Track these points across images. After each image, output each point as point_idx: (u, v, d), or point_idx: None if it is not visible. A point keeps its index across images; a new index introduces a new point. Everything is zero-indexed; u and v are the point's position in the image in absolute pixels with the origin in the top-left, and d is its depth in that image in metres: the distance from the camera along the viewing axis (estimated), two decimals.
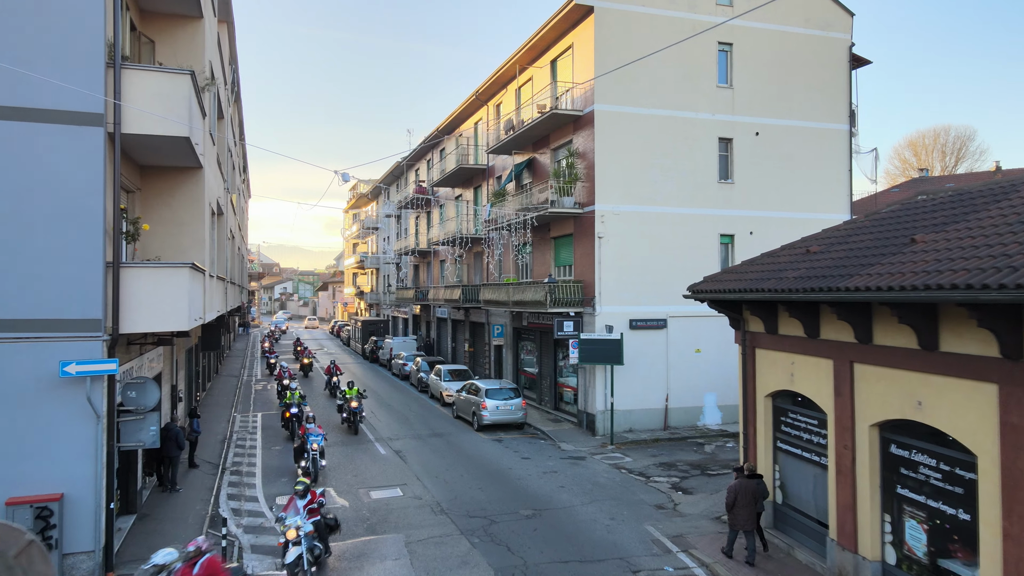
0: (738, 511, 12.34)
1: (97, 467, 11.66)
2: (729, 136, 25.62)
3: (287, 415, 23.61)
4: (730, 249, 25.82)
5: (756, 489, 12.42)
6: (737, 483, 12.49)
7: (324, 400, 31.62)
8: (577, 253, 25.53)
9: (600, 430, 23.91)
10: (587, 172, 24.64)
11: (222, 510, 16.11)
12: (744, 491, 12.36)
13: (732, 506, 12.41)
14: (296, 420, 22.86)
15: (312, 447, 17.99)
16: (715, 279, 14.62)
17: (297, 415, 22.80)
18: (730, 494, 12.45)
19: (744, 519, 12.32)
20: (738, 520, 12.38)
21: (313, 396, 32.09)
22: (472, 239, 35.91)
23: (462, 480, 18.66)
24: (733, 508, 12.41)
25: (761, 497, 12.57)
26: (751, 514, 12.27)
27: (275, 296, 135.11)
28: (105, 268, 11.75)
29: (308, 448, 18.03)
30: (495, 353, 34.20)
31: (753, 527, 12.39)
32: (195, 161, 14.80)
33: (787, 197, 26.29)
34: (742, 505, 12.29)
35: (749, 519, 12.30)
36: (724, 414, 25.34)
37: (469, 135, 38.04)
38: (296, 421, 22.85)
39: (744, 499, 12.30)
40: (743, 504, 12.28)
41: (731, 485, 12.56)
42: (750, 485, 12.42)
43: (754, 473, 12.88)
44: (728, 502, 12.48)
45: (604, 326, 23.95)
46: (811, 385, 12.18)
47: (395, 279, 56.76)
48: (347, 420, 24.44)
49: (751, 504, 12.25)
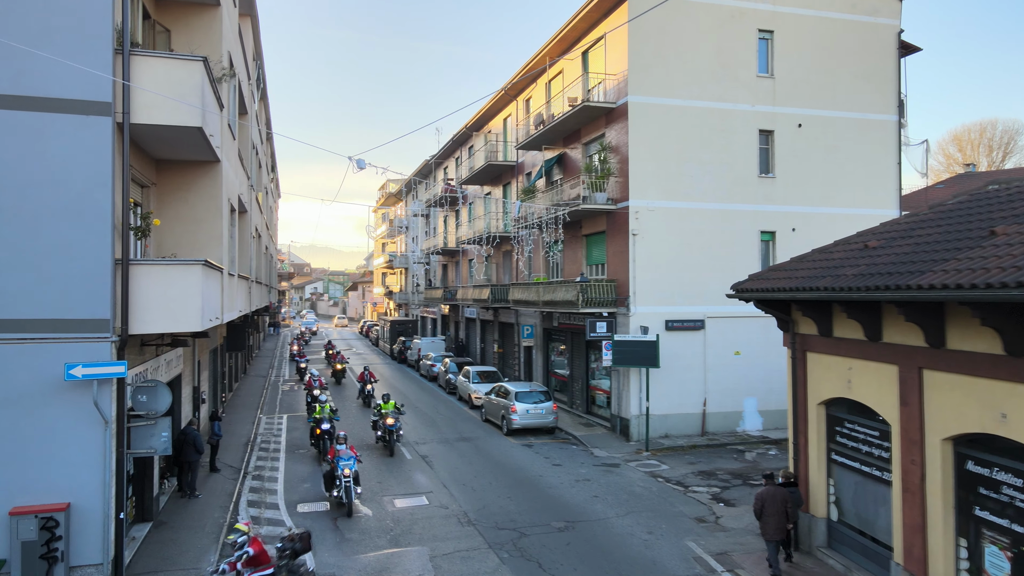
0: (767, 519, 11.72)
1: (105, 475, 11.04)
2: (770, 128, 24.42)
3: (317, 431, 20.89)
4: (771, 247, 24.62)
5: (787, 497, 11.82)
6: (765, 490, 11.90)
7: (356, 410, 29.18)
8: (610, 251, 24.55)
9: (635, 435, 22.91)
10: (620, 167, 23.65)
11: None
12: (772, 499, 11.75)
13: (760, 514, 11.83)
14: (327, 437, 20.35)
15: (344, 473, 15.59)
16: (761, 277, 13.58)
17: (328, 432, 20.31)
18: (757, 501, 11.87)
19: (773, 529, 11.68)
20: (767, 529, 11.75)
21: (345, 407, 29.73)
22: (501, 237, 35.12)
23: (490, 488, 17.83)
24: (762, 516, 11.81)
25: (794, 506, 12.00)
26: (780, 524, 11.68)
27: (305, 296, 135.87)
28: (114, 265, 11.15)
29: (339, 475, 15.69)
30: (525, 354, 33.33)
31: (783, 537, 11.80)
32: (211, 155, 14.17)
33: (831, 192, 25.00)
34: (771, 514, 11.68)
35: (779, 529, 11.68)
36: (765, 419, 24.15)
37: (498, 131, 37.23)
38: (327, 439, 20.31)
39: (772, 507, 11.68)
40: (771, 512, 11.67)
41: (759, 492, 11.94)
42: (780, 493, 11.80)
43: (790, 481, 12.38)
44: (756, 509, 11.92)
45: (639, 327, 22.94)
46: (872, 393, 11.10)
47: (423, 279, 56.22)
48: (382, 439, 21.40)
49: (780, 513, 11.67)
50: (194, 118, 11.69)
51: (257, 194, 30.16)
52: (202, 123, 11.81)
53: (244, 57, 21.27)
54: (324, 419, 20.78)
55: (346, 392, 34.24)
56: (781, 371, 24.17)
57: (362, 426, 25.40)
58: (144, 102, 11.43)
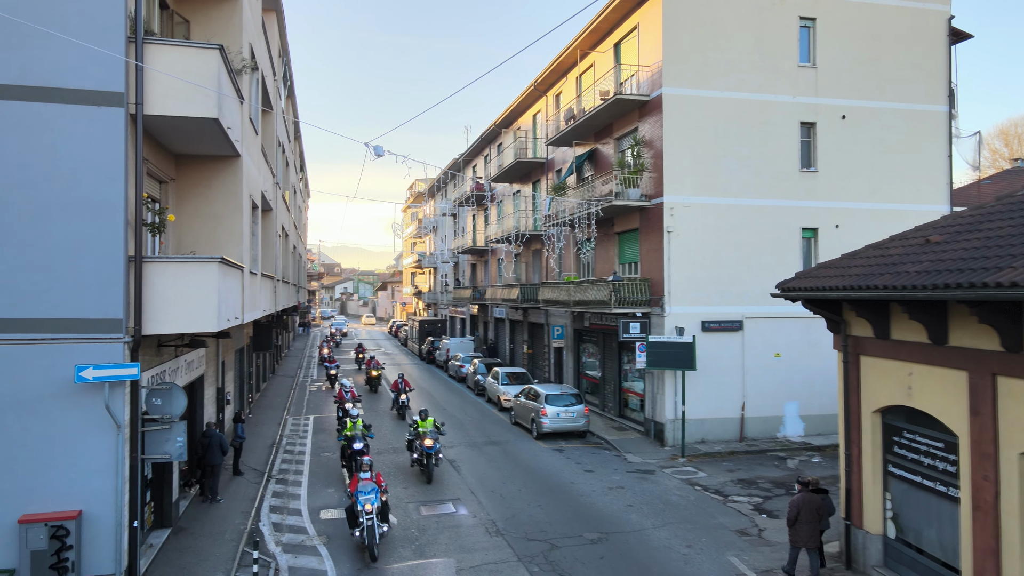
0: (800, 527, 11.60)
1: (118, 481, 10.57)
2: (812, 120, 23.35)
3: (349, 451, 18.10)
4: (813, 244, 23.54)
5: (821, 504, 11.71)
6: (800, 497, 11.74)
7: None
8: (643, 249, 23.69)
9: (670, 440, 22.03)
10: (654, 162, 22.78)
11: (262, 524, 14.98)
12: (807, 506, 11.60)
13: (794, 521, 11.68)
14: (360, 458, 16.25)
15: (365, 509, 13.13)
16: (810, 275, 12.68)
17: (360, 451, 17.21)
18: (792, 509, 11.69)
19: (807, 536, 11.57)
20: (800, 536, 11.61)
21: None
22: (530, 236, 34.41)
23: (520, 495, 17.13)
24: (795, 524, 11.66)
25: (827, 514, 11.93)
26: (814, 531, 11.58)
27: (336, 296, 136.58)
28: (127, 263, 10.68)
29: (360, 510, 13.19)
30: (555, 355, 32.58)
31: (816, 545, 11.67)
32: (231, 149, 13.69)
33: (877, 187, 23.83)
34: (805, 521, 11.56)
35: (812, 536, 11.58)
36: (807, 425, 23.09)
37: (527, 128, 36.52)
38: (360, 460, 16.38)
39: (807, 515, 11.56)
40: (806, 520, 11.55)
41: (794, 499, 11.78)
42: (814, 500, 11.68)
43: (820, 488, 12.16)
44: (790, 517, 11.74)
45: (674, 328, 22.05)
46: (936, 401, 10.17)
47: (452, 278, 55.75)
48: (419, 462, 18.32)
49: (814, 520, 11.56)
50: (210, 109, 11.18)
51: (284, 192, 29.85)
52: (218, 114, 11.30)
53: (268, 52, 20.86)
54: (357, 436, 17.81)
55: (381, 403, 31.09)
56: (824, 374, 23.14)
57: (396, 443, 22.66)
58: (158, 92, 10.95)
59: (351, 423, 18.81)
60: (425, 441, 18.03)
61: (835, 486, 17.93)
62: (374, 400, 31.99)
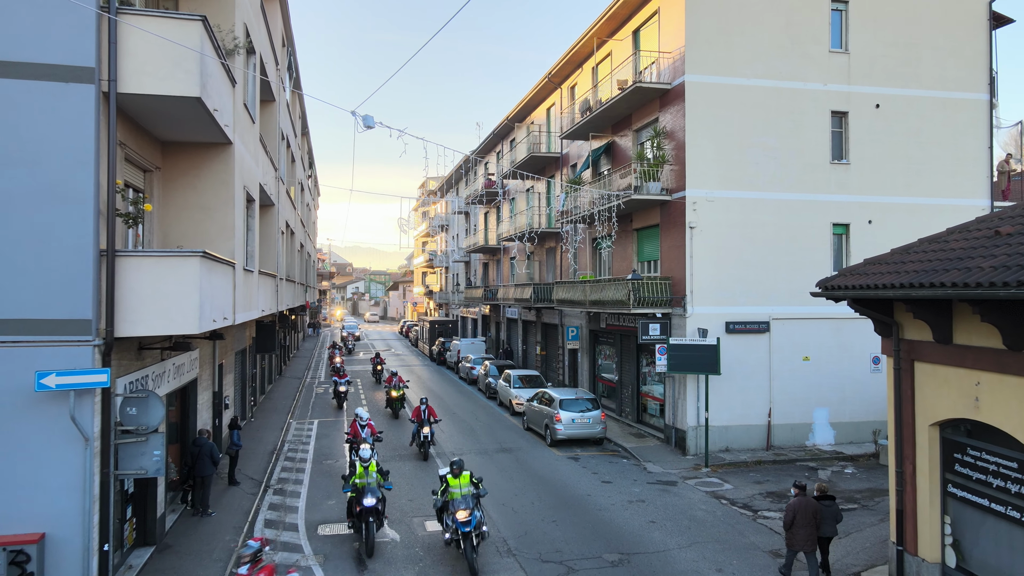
0: (796, 531, 11.56)
1: (86, 501, 9.49)
2: (844, 109, 22.00)
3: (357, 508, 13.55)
4: (844, 241, 22.19)
5: (819, 509, 11.69)
6: (796, 501, 11.73)
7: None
8: (664, 246, 22.44)
9: (692, 449, 20.77)
10: (676, 154, 21.53)
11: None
12: (803, 510, 11.55)
13: (790, 525, 11.64)
14: (372, 519, 13.17)
15: None
16: (857, 273, 11.42)
17: (373, 510, 13.14)
18: (788, 512, 11.69)
19: (803, 540, 11.51)
20: (796, 540, 11.57)
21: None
22: (544, 234, 33.21)
23: (533, 509, 15.95)
24: (791, 527, 11.62)
25: (832, 519, 11.89)
26: (811, 535, 11.50)
27: (347, 296, 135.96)
28: (97, 257, 9.60)
29: None
30: (569, 357, 31.37)
31: (814, 550, 11.59)
32: (221, 135, 12.61)
33: (913, 180, 22.44)
34: (801, 525, 11.52)
35: (808, 540, 11.50)
36: (838, 432, 21.75)
37: (541, 122, 35.34)
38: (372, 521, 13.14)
39: (803, 519, 11.52)
40: (802, 524, 11.52)
41: (790, 503, 11.77)
42: (811, 505, 11.63)
43: (825, 494, 12.13)
44: (786, 521, 11.71)
45: (696, 329, 20.79)
46: (1011, 415, 8.89)
47: (464, 278, 54.65)
48: (454, 541, 12.66)
49: (811, 525, 11.51)
50: (191, 87, 10.08)
51: (289, 188, 28.85)
52: (201, 93, 10.20)
53: (269, 38, 19.80)
54: (369, 488, 13.30)
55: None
56: (855, 379, 21.83)
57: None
58: (134, 68, 9.87)
59: (361, 467, 13.90)
60: (458, 514, 12.29)
61: (873, 500, 16.63)
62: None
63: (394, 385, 27.18)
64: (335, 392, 29.41)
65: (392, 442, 22.63)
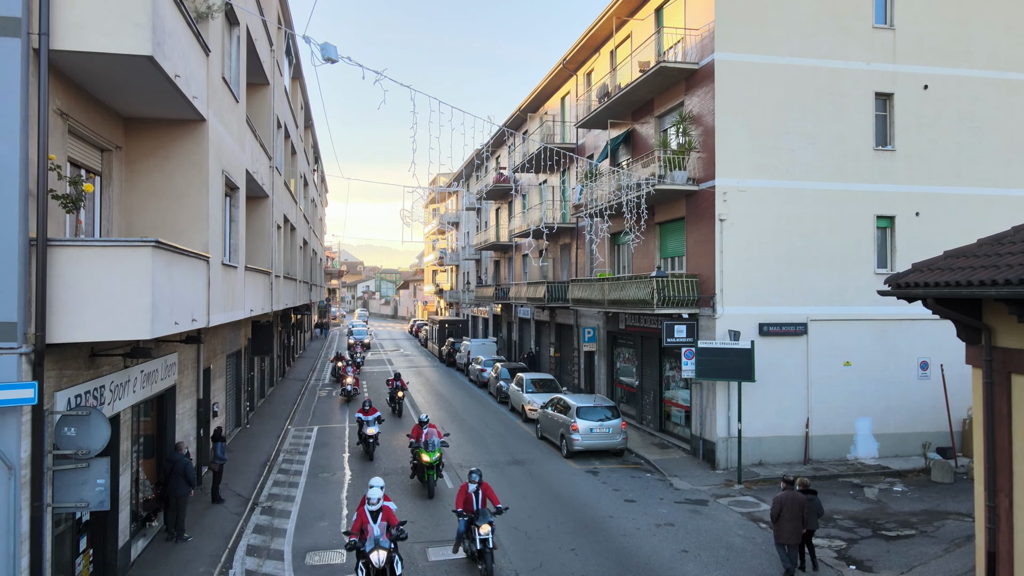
0: (783, 524, 11.96)
1: (10, 542, 7.84)
2: (889, 91, 20.08)
3: None
4: (889, 234, 20.28)
5: (806, 503, 12.04)
6: (784, 495, 12.10)
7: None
8: (690, 241, 20.61)
9: (722, 462, 18.94)
10: (704, 140, 19.70)
11: (233, 573, 12.23)
12: (790, 504, 11.93)
13: (777, 518, 12.04)
14: None
15: None
16: (937, 267, 9.58)
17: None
18: (775, 505, 12.10)
19: (789, 533, 11.92)
20: (783, 533, 11.99)
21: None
22: (558, 229, 31.39)
23: (549, 534, 14.20)
24: (778, 520, 12.03)
25: (814, 514, 12.28)
26: (797, 529, 11.89)
27: (358, 294, 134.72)
28: (26, 247, 7.95)
29: None
30: (585, 360, 29.58)
31: (799, 542, 12.04)
32: (190, 111, 10.95)
33: (965, 168, 20.49)
34: (788, 519, 11.91)
35: (794, 533, 11.91)
36: (882, 445, 19.84)
37: (555, 112, 33.55)
38: None
39: (790, 512, 11.90)
40: (788, 518, 11.90)
41: (777, 496, 12.19)
42: (798, 498, 12.00)
43: (808, 489, 12.48)
44: (773, 513, 12.10)
45: (727, 331, 18.97)
46: None
47: (474, 276, 52.96)
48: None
49: (797, 518, 11.88)
50: (140, 44, 8.41)
51: (289, 181, 27.26)
52: (153, 52, 8.52)
53: (260, 11, 18.11)
54: None
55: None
56: (902, 386, 19.95)
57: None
58: (70, 19, 8.21)
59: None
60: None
61: (932, 524, 14.78)
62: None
63: (425, 444, 16.71)
64: (361, 436, 20.57)
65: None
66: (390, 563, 10.50)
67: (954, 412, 19.74)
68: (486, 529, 11.74)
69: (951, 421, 19.54)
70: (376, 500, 10.95)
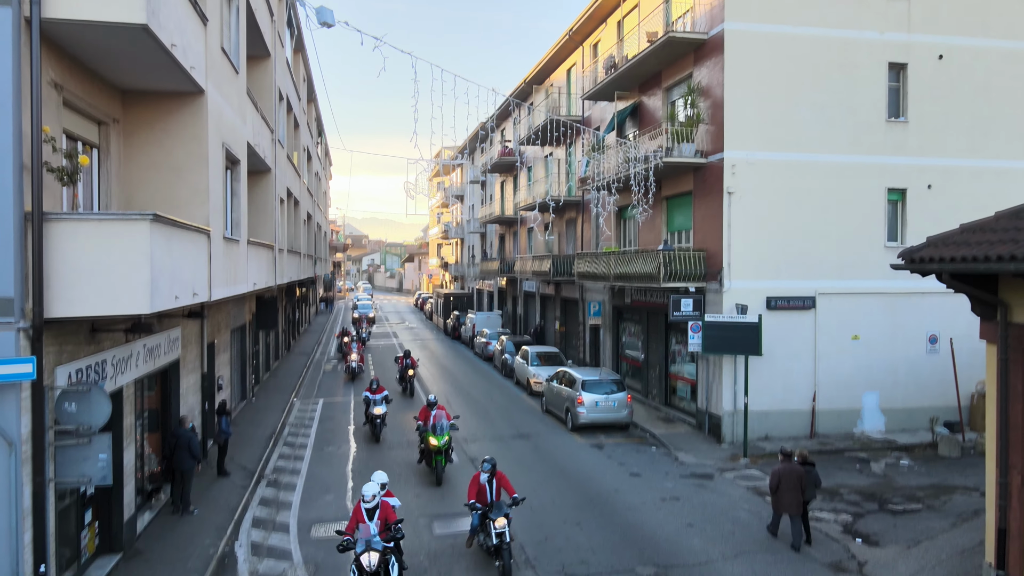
0: (782, 495, 12.16)
1: (12, 516, 7.82)
2: (902, 61, 19.64)
3: None
4: (900, 208, 19.99)
5: (802, 474, 12.20)
6: (782, 467, 12.30)
7: None
8: (697, 215, 20.36)
9: (727, 436, 18.90)
10: (712, 113, 19.36)
11: (239, 545, 12.29)
12: (788, 475, 12.14)
13: (775, 489, 12.25)
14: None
15: None
16: (953, 242, 9.37)
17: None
18: (774, 477, 12.31)
19: (788, 503, 12.10)
20: (782, 504, 12.21)
21: None
22: (564, 203, 31.08)
23: (554, 508, 14.20)
24: (777, 491, 12.24)
25: (812, 485, 12.37)
26: (796, 499, 12.06)
27: (363, 268, 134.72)
28: (21, 221, 7.82)
29: None
30: (591, 334, 29.49)
31: (798, 513, 12.13)
32: (188, 82, 10.74)
33: (979, 140, 20.10)
34: (786, 489, 12.10)
35: (793, 504, 12.07)
36: (888, 419, 19.75)
37: (561, 84, 33.06)
38: None
39: (788, 483, 12.09)
40: (787, 488, 12.10)
41: (775, 469, 12.38)
42: (796, 470, 12.20)
43: (806, 460, 12.60)
44: (772, 485, 12.32)
45: (734, 305, 18.80)
46: None
47: (479, 250, 52.77)
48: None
49: (796, 489, 12.05)
50: (134, 12, 8.18)
51: (292, 154, 27.01)
52: (148, 20, 8.30)
53: None
54: None
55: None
56: (910, 360, 19.81)
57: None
58: None
59: None
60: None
61: (939, 499, 14.72)
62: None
63: (433, 427, 15.71)
64: (368, 416, 19.54)
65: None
66: (385, 566, 9.63)
67: (963, 386, 19.60)
68: (502, 522, 10.91)
69: (959, 395, 19.41)
70: (371, 497, 9.88)
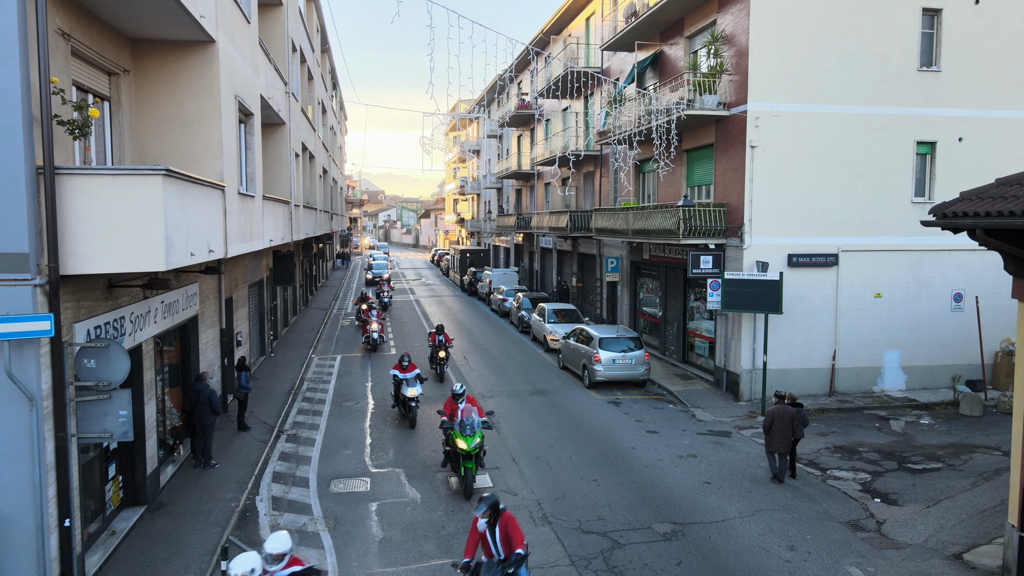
0: (774, 434, 12.91)
1: (35, 471, 7.90)
2: (937, 6, 18.85)
3: None
4: (928, 162, 19.42)
5: (794, 415, 12.87)
6: (776, 408, 13.03)
7: None
8: (719, 169, 19.92)
9: (745, 394, 18.81)
10: (736, 62, 18.76)
11: (260, 499, 12.46)
12: (781, 416, 12.84)
13: (769, 429, 12.98)
14: None
15: None
16: (989, 196, 9.03)
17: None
18: (767, 418, 13.03)
19: (779, 442, 12.90)
20: (774, 443, 12.97)
21: None
22: (582, 157, 30.60)
23: (571, 464, 14.24)
24: (770, 431, 12.96)
25: (801, 424, 13.05)
26: (787, 439, 12.85)
27: (379, 223, 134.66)
28: (33, 176, 7.70)
29: None
30: (608, 290, 29.30)
31: (787, 451, 13.01)
32: (198, 31, 10.46)
33: (1014, 90, 19.38)
34: (779, 429, 12.85)
35: (784, 443, 12.89)
36: (909, 377, 19.55)
37: (579, 34, 32.22)
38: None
39: (781, 423, 12.82)
40: (779, 428, 12.84)
41: (770, 410, 13.09)
42: (788, 411, 12.87)
43: (796, 402, 13.36)
44: (765, 425, 13.04)
45: (754, 262, 18.50)
46: None
47: (496, 205, 52.36)
48: None
49: (787, 429, 12.80)
50: None
51: (306, 107, 26.65)
52: None
53: None
54: None
55: None
56: (934, 318, 19.50)
57: None
58: None
59: None
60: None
61: (959, 458, 14.59)
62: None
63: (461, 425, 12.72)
64: (398, 399, 17.18)
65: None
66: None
67: (987, 345, 19.31)
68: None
69: (983, 354, 19.13)
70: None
